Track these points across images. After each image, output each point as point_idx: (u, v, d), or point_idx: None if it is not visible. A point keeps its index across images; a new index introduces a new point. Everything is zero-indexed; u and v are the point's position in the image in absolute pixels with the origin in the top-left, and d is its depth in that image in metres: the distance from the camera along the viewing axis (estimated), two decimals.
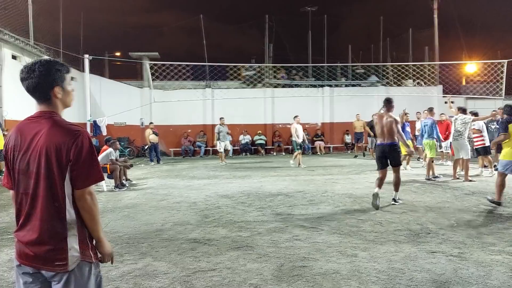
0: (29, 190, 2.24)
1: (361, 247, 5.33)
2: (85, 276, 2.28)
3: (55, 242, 2.21)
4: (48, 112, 2.31)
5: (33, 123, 2.29)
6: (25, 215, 2.26)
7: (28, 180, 2.24)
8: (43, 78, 2.28)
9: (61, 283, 2.23)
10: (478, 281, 4.13)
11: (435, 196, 8.89)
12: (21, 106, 14.75)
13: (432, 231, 6.07)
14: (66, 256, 2.21)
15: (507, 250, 5.08)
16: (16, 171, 2.29)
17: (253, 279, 4.31)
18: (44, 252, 2.21)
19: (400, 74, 22.60)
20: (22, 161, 2.25)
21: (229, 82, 25.49)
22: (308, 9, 29.46)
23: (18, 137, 2.29)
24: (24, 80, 2.31)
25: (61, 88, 2.35)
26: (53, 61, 2.39)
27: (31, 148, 2.23)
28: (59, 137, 2.21)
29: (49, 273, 2.25)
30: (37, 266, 2.24)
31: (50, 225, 2.21)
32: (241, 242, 5.68)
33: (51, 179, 2.20)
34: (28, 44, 15.18)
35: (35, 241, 2.22)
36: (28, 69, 2.30)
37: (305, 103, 23.18)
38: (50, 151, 2.18)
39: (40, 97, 2.32)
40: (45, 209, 2.21)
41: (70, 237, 2.24)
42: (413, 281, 4.17)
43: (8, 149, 2.32)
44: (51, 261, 2.21)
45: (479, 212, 7.26)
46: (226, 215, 7.37)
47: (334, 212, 7.44)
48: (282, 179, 12.01)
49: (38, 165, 2.20)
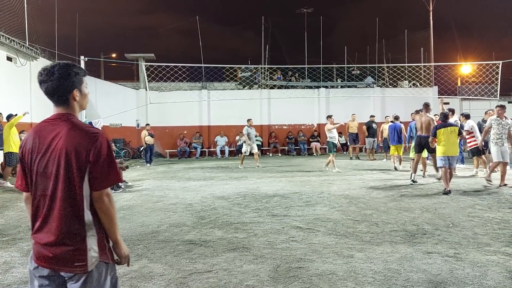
0: (47, 192, 2.25)
1: (357, 248, 5.33)
2: (102, 276, 2.31)
3: (74, 243, 2.23)
4: (65, 114, 2.34)
5: (51, 125, 2.31)
6: (43, 217, 2.26)
7: (46, 182, 2.25)
8: (62, 81, 2.31)
9: (79, 283, 2.25)
10: (473, 281, 4.14)
11: (431, 197, 8.91)
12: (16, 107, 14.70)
13: (428, 231, 6.09)
14: (85, 257, 2.23)
15: (502, 251, 5.10)
16: (34, 173, 2.29)
17: (250, 281, 4.30)
18: (64, 253, 2.22)
19: (395, 75, 22.70)
20: (41, 163, 2.26)
21: (225, 84, 25.50)
22: (304, 11, 29.51)
23: (36, 139, 2.29)
24: (43, 82, 2.32)
25: (79, 91, 2.39)
26: (72, 64, 2.41)
27: (50, 150, 2.24)
28: (78, 139, 2.23)
29: (68, 274, 2.26)
30: (56, 267, 2.24)
31: (68, 226, 2.22)
32: (237, 243, 5.67)
33: (70, 180, 2.22)
34: (23, 46, 15.12)
35: (54, 242, 2.23)
36: (47, 71, 2.31)
37: (301, 104, 23.22)
38: (70, 153, 2.21)
39: (59, 99, 2.35)
40: (63, 210, 2.22)
41: (89, 238, 2.26)
42: (409, 281, 4.17)
43: (25, 151, 2.34)
44: (71, 262, 2.22)
45: (475, 212, 7.29)
46: (222, 217, 7.36)
47: (330, 213, 7.44)
48: (278, 180, 12.01)
49: (57, 166, 2.22)
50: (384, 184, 10.96)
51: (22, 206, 8.78)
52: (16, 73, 15.00)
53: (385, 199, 8.71)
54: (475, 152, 12.35)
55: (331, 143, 14.43)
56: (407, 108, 18.62)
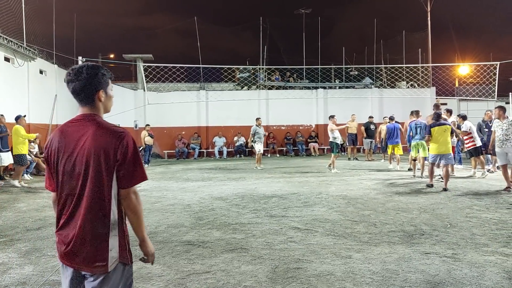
0: (75, 191, 2.28)
1: (355, 249, 5.34)
2: (119, 277, 2.32)
3: (97, 242, 2.25)
4: (91, 114, 2.38)
5: (77, 125, 2.34)
6: (68, 215, 2.30)
7: (74, 182, 2.28)
8: (90, 81, 2.35)
9: (96, 282, 2.26)
10: (471, 282, 4.15)
11: (429, 197, 8.92)
12: (13, 108, 14.67)
13: (426, 232, 6.09)
14: (106, 257, 2.25)
15: (500, 251, 5.11)
16: (60, 172, 2.32)
17: (248, 281, 4.30)
18: (86, 251, 2.25)
19: (393, 76, 22.72)
20: (68, 163, 2.30)
21: (223, 84, 25.48)
22: (302, 12, 29.52)
23: (62, 139, 2.33)
24: (70, 82, 2.37)
25: (104, 92, 2.44)
26: (99, 66, 2.45)
27: (77, 150, 2.28)
28: (105, 139, 2.26)
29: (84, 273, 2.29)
30: (77, 266, 2.28)
31: (93, 225, 2.25)
32: (235, 244, 5.67)
33: (99, 179, 2.25)
34: (21, 46, 15.09)
35: (77, 240, 2.25)
36: (75, 71, 2.36)
37: (299, 105, 23.22)
38: (98, 152, 2.24)
39: (84, 99, 2.38)
40: (90, 209, 2.25)
41: (112, 238, 2.29)
42: (407, 282, 4.18)
43: (50, 152, 2.37)
44: (92, 262, 2.24)
45: (472, 213, 7.30)
46: (221, 217, 7.35)
47: (328, 214, 7.45)
48: (276, 181, 12.01)
49: (85, 166, 2.25)
50: (382, 184, 10.97)
51: (20, 207, 8.78)
52: (14, 74, 14.97)
53: (383, 199, 8.72)
54: (473, 152, 12.37)
55: (334, 143, 14.42)
56: (405, 108, 18.61)
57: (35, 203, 9.19)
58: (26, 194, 10.56)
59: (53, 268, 4.81)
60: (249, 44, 38.59)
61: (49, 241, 6.05)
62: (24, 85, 15.69)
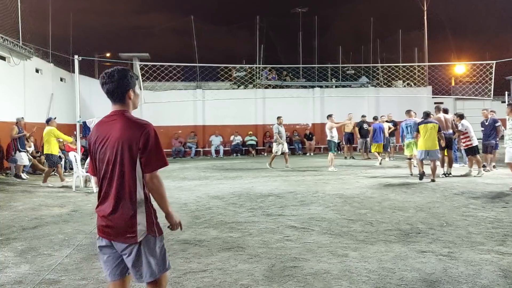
0: (107, 174, 2.72)
1: (351, 247, 5.35)
2: (151, 247, 2.74)
3: (126, 217, 2.68)
4: (121, 110, 2.80)
5: (110, 120, 2.79)
6: (103, 196, 2.75)
7: (106, 167, 2.73)
8: (121, 82, 2.78)
9: (132, 255, 2.70)
10: (467, 280, 4.17)
11: (425, 196, 8.95)
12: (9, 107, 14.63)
13: (422, 230, 6.11)
14: (135, 230, 2.67)
15: (496, 249, 5.13)
16: (97, 160, 2.79)
17: (244, 280, 4.31)
18: (118, 225, 2.68)
19: (390, 75, 22.72)
20: (102, 152, 2.75)
21: (220, 83, 25.45)
22: (298, 10, 29.54)
23: (98, 132, 2.79)
24: (104, 84, 2.78)
25: (133, 91, 2.86)
26: (127, 69, 2.91)
27: (108, 140, 2.71)
28: (130, 130, 2.68)
29: (121, 246, 2.71)
30: (111, 238, 2.72)
31: (123, 203, 2.68)
32: (232, 243, 5.67)
33: (124, 165, 2.67)
34: (16, 45, 15.02)
35: (110, 215, 2.69)
36: (108, 75, 2.78)
37: (296, 104, 23.20)
38: (124, 142, 2.65)
39: (117, 98, 2.81)
40: (119, 189, 2.68)
41: (139, 214, 2.71)
42: (403, 280, 4.19)
43: (91, 142, 2.84)
44: (123, 233, 2.67)
45: (468, 212, 7.32)
46: (217, 216, 7.35)
47: (325, 213, 7.46)
48: (273, 180, 12.01)
49: (114, 154, 2.67)
50: (379, 183, 10.99)
51: (16, 205, 8.76)
52: (10, 73, 14.91)
53: (379, 198, 8.74)
54: (470, 151, 12.40)
55: (332, 142, 14.47)
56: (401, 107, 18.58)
57: (32, 202, 9.16)
58: (23, 193, 10.53)
59: (49, 267, 4.80)
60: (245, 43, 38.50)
61: (45, 240, 6.04)
62: (20, 84, 15.64)
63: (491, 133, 12.92)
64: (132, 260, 2.71)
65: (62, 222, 7.17)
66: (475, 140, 12.32)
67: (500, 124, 13.24)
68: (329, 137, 14.48)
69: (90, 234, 6.30)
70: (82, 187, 11.24)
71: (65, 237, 6.20)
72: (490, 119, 13.12)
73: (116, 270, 2.79)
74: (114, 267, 2.79)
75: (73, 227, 6.82)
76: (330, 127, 14.40)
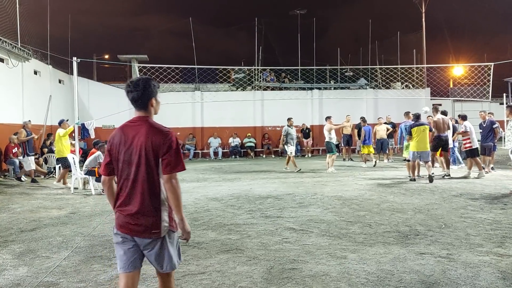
0: (130, 176, 2.90)
1: (350, 249, 5.34)
2: (172, 241, 2.97)
3: (152, 214, 2.88)
4: (144, 117, 3.01)
5: (134, 125, 2.98)
6: (126, 194, 2.92)
7: (129, 168, 2.91)
8: (145, 91, 2.98)
9: (155, 249, 2.90)
10: (466, 282, 4.17)
11: (424, 198, 8.95)
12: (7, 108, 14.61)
13: (420, 232, 6.11)
14: (160, 226, 2.89)
15: (494, 251, 5.13)
16: (120, 161, 2.95)
17: (243, 282, 4.30)
18: (144, 222, 2.87)
19: (388, 77, 22.77)
20: (126, 154, 2.92)
21: (219, 85, 25.45)
22: (297, 12, 29.55)
23: (123, 135, 2.97)
24: (130, 92, 2.99)
25: (155, 99, 3.06)
26: (151, 78, 3.08)
27: (133, 144, 2.91)
28: (155, 136, 2.89)
29: (143, 241, 2.90)
30: (136, 234, 2.89)
31: (149, 202, 2.88)
32: (230, 245, 5.67)
33: (150, 166, 2.88)
34: (15, 47, 15.01)
35: (136, 214, 2.87)
36: (134, 83, 2.98)
37: (294, 106, 23.20)
38: (149, 146, 2.87)
39: (141, 105, 3.01)
40: (145, 189, 2.88)
41: (163, 211, 2.92)
42: (402, 282, 4.19)
43: (113, 144, 3.00)
44: (149, 230, 2.87)
45: (467, 213, 7.33)
46: (216, 218, 7.35)
47: (323, 215, 7.45)
48: (271, 182, 12.01)
49: (139, 156, 2.88)
50: (377, 185, 10.99)
51: (14, 208, 8.75)
52: (8, 74, 14.89)
53: (378, 200, 8.74)
54: (470, 153, 12.38)
55: (331, 143, 14.49)
56: (400, 109, 18.67)
57: (30, 204, 9.15)
58: (21, 195, 10.51)
59: (48, 270, 4.79)
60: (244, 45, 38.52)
61: (43, 242, 6.03)
62: (19, 85, 15.62)
63: (488, 135, 12.93)
64: (155, 253, 2.92)
65: (60, 224, 7.16)
66: (475, 142, 12.31)
67: (498, 125, 13.26)
68: (327, 138, 14.50)
69: (88, 236, 6.29)
70: (80, 189, 11.22)
71: (63, 239, 6.19)
72: (488, 120, 13.14)
73: (134, 262, 2.95)
74: (133, 260, 2.94)
75: (72, 229, 6.81)
76: (328, 128, 14.43)
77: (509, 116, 10.06)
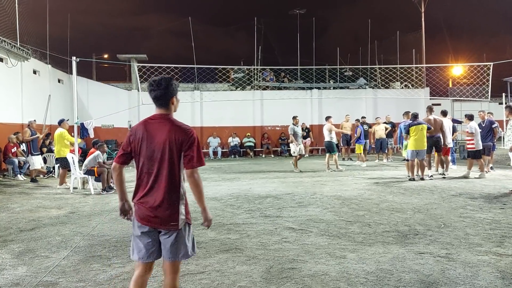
0: (152, 170, 3.07)
1: (349, 249, 5.34)
2: (186, 233, 3.16)
3: (171, 208, 3.05)
4: (166, 114, 3.19)
5: (156, 122, 3.15)
6: (148, 188, 3.08)
7: (152, 163, 3.07)
8: (167, 90, 3.16)
9: (171, 238, 3.08)
10: (465, 281, 4.17)
11: (423, 197, 8.96)
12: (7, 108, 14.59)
13: (420, 232, 6.11)
14: (178, 218, 3.06)
15: (493, 251, 5.14)
16: (142, 156, 3.12)
17: (242, 282, 4.30)
18: (163, 215, 3.03)
19: (388, 76, 22.76)
20: (149, 150, 3.08)
21: (218, 85, 25.44)
22: (296, 12, 29.55)
23: (145, 132, 3.13)
24: (152, 91, 3.16)
25: (175, 98, 3.24)
26: (172, 78, 3.24)
27: (155, 140, 3.07)
28: (177, 133, 3.06)
29: (162, 231, 3.08)
30: (156, 225, 3.07)
31: (169, 195, 3.05)
32: (230, 244, 5.67)
33: (172, 162, 3.05)
34: (14, 46, 15.00)
35: (157, 206, 3.03)
36: (156, 83, 3.15)
37: (294, 106, 23.20)
38: (172, 143, 3.04)
39: (162, 103, 3.19)
40: (167, 184, 3.04)
41: (181, 205, 3.10)
42: (401, 282, 4.19)
43: (134, 139, 3.16)
44: (168, 222, 3.04)
45: (466, 213, 7.33)
46: (215, 218, 7.34)
47: (322, 214, 7.45)
48: (271, 181, 12.01)
49: (162, 152, 3.05)
50: (376, 185, 11.00)
51: (14, 207, 8.74)
52: (7, 74, 14.88)
53: (377, 200, 8.74)
54: (472, 155, 12.28)
55: (332, 142, 14.59)
56: (399, 109, 18.67)
57: (29, 204, 9.14)
58: (20, 194, 10.50)
59: (47, 269, 4.79)
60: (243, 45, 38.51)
61: (42, 241, 6.02)
62: (18, 85, 15.61)
63: (487, 134, 12.91)
64: (170, 242, 3.08)
65: (59, 224, 7.15)
66: (479, 144, 12.16)
67: (497, 125, 13.26)
68: (328, 138, 14.51)
69: (87, 236, 6.29)
70: (80, 189, 11.22)
71: (62, 239, 6.18)
72: (487, 120, 13.13)
73: (153, 254, 3.14)
74: (152, 251, 3.13)
75: (71, 228, 6.81)
76: (329, 128, 14.46)
77: (508, 116, 10.07)
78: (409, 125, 11.77)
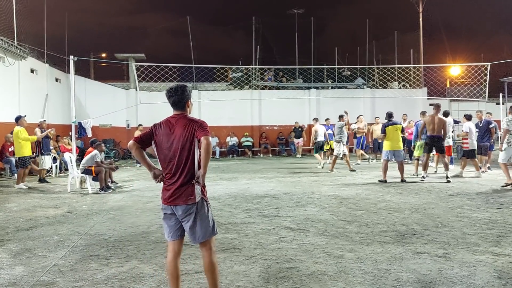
0: (174, 159, 3.61)
1: (347, 248, 5.35)
2: (205, 209, 3.67)
3: (189, 186, 3.59)
4: (183, 113, 3.73)
5: (175, 119, 3.69)
6: (172, 174, 3.62)
7: (173, 153, 3.62)
8: (183, 95, 3.72)
9: (190, 221, 3.60)
10: (462, 281, 4.18)
11: (420, 197, 8.97)
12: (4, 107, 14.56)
13: (417, 232, 6.12)
14: (194, 194, 3.59)
15: (490, 250, 5.15)
16: (164, 148, 3.67)
17: (240, 281, 4.30)
18: (182, 192, 3.58)
19: (385, 76, 22.78)
20: (169, 142, 3.64)
21: (216, 84, 25.42)
22: (295, 12, 29.55)
23: (167, 127, 3.68)
24: (171, 96, 3.72)
25: (190, 102, 3.81)
26: (186, 85, 3.84)
27: (175, 133, 3.63)
28: (192, 124, 3.61)
29: (181, 210, 3.59)
30: (175, 202, 3.59)
31: (187, 177, 3.58)
32: (228, 244, 5.66)
33: (189, 151, 3.58)
34: (12, 45, 14.96)
35: (178, 187, 3.58)
36: (174, 89, 3.72)
37: (292, 105, 23.21)
38: (188, 132, 3.58)
39: (180, 106, 3.74)
40: (186, 168, 3.58)
41: (197, 184, 3.59)
42: (398, 281, 4.20)
43: (158, 133, 3.70)
44: (186, 197, 3.58)
45: (463, 213, 7.34)
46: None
47: (320, 214, 7.46)
48: (269, 181, 12.01)
49: (182, 144, 3.58)
50: (374, 184, 11.01)
51: (11, 207, 8.72)
52: (4, 73, 14.85)
53: (375, 199, 8.75)
54: (466, 154, 12.37)
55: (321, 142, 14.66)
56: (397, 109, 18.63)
57: (26, 203, 9.12)
58: (17, 194, 10.48)
59: (44, 269, 4.78)
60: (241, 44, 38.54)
61: (40, 241, 6.01)
62: (15, 84, 15.57)
63: (484, 134, 12.97)
64: (190, 224, 3.59)
65: (57, 223, 7.14)
66: (473, 144, 12.29)
67: (495, 125, 13.29)
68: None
69: (85, 235, 6.28)
70: (77, 188, 11.20)
71: (60, 238, 6.17)
72: (484, 120, 13.18)
73: (177, 232, 3.70)
74: (176, 229, 3.69)
75: (68, 228, 6.79)
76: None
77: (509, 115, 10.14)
78: (385, 125, 11.68)
